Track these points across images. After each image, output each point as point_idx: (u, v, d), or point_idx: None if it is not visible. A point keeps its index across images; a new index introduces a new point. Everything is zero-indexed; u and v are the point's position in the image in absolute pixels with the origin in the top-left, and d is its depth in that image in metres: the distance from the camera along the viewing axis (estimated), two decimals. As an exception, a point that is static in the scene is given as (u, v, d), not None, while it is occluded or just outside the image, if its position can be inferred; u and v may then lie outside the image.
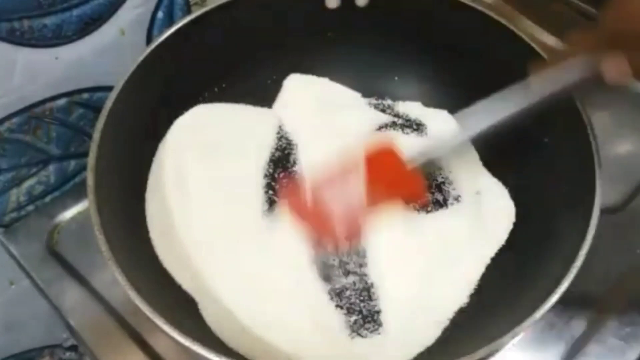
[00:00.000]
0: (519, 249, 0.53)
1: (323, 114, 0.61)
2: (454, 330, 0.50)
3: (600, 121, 0.52)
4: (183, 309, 0.49)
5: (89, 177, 0.46)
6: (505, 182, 0.57)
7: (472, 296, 0.51)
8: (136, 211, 0.53)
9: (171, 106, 0.57)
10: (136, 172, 0.54)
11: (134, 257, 0.47)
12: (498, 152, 0.58)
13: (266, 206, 0.55)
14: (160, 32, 0.58)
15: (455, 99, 0.61)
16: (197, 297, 0.50)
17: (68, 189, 0.65)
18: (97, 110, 0.51)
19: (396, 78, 0.64)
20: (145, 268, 0.49)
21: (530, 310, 0.43)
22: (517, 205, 0.56)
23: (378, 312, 0.51)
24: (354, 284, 0.52)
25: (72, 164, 0.64)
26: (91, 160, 0.47)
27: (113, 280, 0.42)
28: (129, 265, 0.43)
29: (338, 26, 0.61)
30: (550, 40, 0.70)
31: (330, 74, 0.64)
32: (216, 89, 0.61)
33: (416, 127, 0.61)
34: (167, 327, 0.41)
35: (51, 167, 0.63)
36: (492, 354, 0.41)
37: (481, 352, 0.41)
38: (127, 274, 0.42)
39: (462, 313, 0.51)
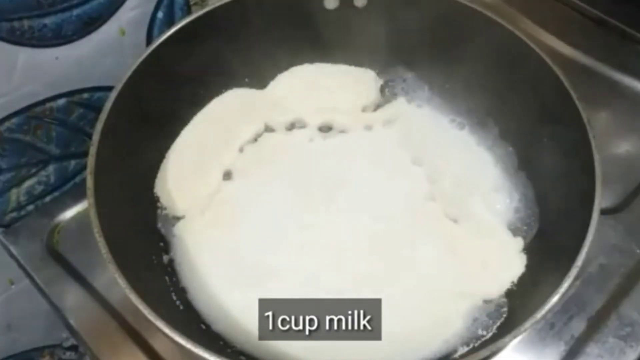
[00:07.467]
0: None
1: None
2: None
3: (600, 121, 0.52)
4: (183, 309, 0.49)
5: (89, 179, 0.46)
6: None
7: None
8: (136, 212, 0.53)
9: (171, 106, 0.57)
10: (136, 173, 0.54)
11: (134, 258, 0.47)
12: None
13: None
14: (160, 32, 0.58)
15: (454, 99, 0.61)
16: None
17: (68, 189, 0.65)
18: (97, 110, 0.51)
19: (392, 78, 0.64)
20: (146, 269, 0.49)
21: (530, 311, 0.43)
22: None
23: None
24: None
25: (72, 164, 0.64)
26: (90, 162, 0.47)
27: (113, 280, 0.42)
28: (129, 267, 0.43)
29: (336, 27, 0.61)
30: (550, 40, 0.70)
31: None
32: (216, 89, 0.61)
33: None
34: (166, 328, 0.41)
35: (51, 167, 0.63)
36: (493, 354, 0.41)
37: (482, 353, 0.41)
38: (127, 276, 0.42)
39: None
